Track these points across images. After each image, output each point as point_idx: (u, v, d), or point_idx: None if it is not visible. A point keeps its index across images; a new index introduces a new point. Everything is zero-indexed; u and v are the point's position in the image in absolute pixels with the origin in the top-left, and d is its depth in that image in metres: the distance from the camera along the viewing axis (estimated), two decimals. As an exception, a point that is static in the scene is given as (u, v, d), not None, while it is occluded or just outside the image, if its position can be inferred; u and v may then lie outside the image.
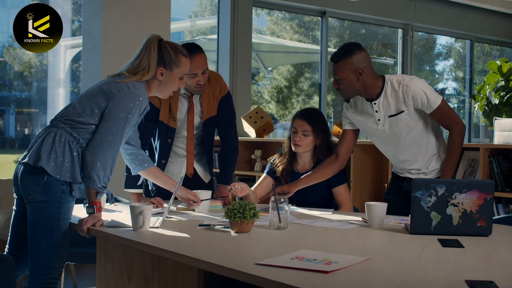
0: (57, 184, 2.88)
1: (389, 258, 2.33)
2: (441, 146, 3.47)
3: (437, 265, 2.18)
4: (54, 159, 2.88)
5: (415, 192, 2.73)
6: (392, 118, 3.39)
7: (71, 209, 2.97)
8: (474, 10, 9.36)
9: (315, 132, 3.69)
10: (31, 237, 2.90)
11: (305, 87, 9.40)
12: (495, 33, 9.95)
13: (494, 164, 4.54)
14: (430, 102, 3.32)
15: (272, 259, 2.17)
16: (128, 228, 2.82)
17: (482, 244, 2.57)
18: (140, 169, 3.31)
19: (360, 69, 3.32)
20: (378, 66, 9.93)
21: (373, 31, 9.76)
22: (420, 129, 3.41)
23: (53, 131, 2.94)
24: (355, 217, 3.29)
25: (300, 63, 9.67)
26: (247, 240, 2.62)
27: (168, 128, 3.73)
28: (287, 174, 3.79)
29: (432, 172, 3.46)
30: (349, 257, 2.23)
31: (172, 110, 3.71)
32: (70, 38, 7.13)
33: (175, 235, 2.70)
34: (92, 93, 3.00)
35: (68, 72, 7.34)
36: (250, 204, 2.73)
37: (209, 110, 3.79)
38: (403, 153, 3.47)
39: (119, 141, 2.94)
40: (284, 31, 9.22)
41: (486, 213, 2.71)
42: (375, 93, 3.40)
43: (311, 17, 8.82)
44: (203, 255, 2.31)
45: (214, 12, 8.54)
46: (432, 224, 2.73)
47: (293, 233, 2.80)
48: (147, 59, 3.03)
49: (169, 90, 3.15)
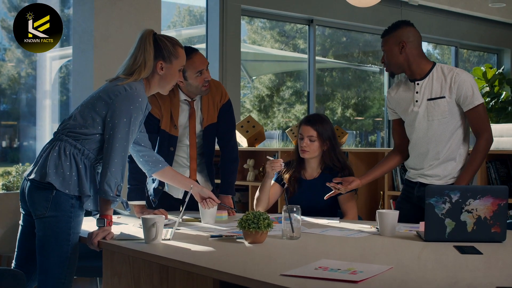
0: (66, 199, 2.83)
1: (412, 266, 2.32)
2: (464, 153, 3.42)
3: (462, 273, 2.17)
4: (61, 173, 2.83)
5: (429, 199, 2.72)
6: (431, 101, 3.37)
7: (81, 222, 2.93)
8: (459, 17, 9.45)
9: (321, 137, 3.69)
10: (40, 252, 2.84)
11: (286, 95, 9.41)
12: (480, 40, 10.05)
13: (492, 170, 4.56)
14: (474, 98, 3.31)
15: (297, 269, 2.15)
16: (140, 241, 2.77)
17: (499, 251, 2.57)
18: (155, 170, 3.25)
19: (403, 42, 3.38)
20: (359, 74, 9.98)
21: (354, 39, 9.80)
22: (453, 124, 3.37)
23: (57, 144, 2.89)
24: (363, 225, 3.27)
25: (284, 71, 9.68)
26: (263, 250, 2.59)
27: (170, 137, 3.69)
28: (295, 181, 3.77)
29: (446, 177, 3.41)
30: (372, 266, 2.21)
31: (173, 117, 3.68)
32: (58, 48, 7.05)
33: (188, 247, 2.66)
34: (91, 102, 2.95)
35: (55, 83, 7.26)
36: (263, 214, 2.70)
37: (209, 116, 3.76)
38: (427, 143, 3.42)
39: (126, 147, 2.89)
40: (265, 40, 9.22)
41: (500, 219, 2.70)
42: (420, 74, 3.41)
43: (291, 26, 8.84)
44: (223, 266, 2.28)
45: (193, 22, 8.53)
46: (446, 231, 2.72)
47: (308, 243, 2.78)
48: (143, 54, 2.96)
49: (170, 84, 3.09)
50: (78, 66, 5.82)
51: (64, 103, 6.98)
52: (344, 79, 10.02)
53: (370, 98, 9.94)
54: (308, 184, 3.74)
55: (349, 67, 9.84)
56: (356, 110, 9.82)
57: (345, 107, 9.68)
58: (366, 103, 9.96)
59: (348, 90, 9.84)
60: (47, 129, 6.85)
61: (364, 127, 10.08)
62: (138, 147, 3.20)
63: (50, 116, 6.95)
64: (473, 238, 2.70)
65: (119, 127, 2.85)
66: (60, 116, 6.88)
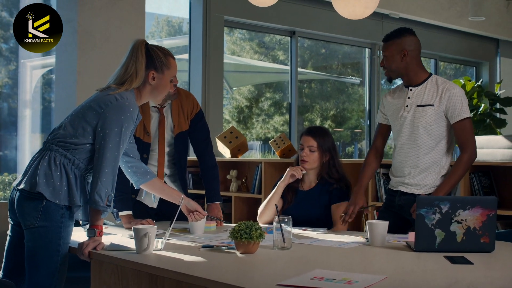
0: (56, 209, 2.81)
1: (406, 276, 2.33)
2: (446, 165, 3.48)
3: (457, 282, 2.19)
4: (51, 183, 2.81)
5: (420, 209, 2.75)
6: (419, 108, 3.45)
7: (71, 233, 2.91)
8: (440, 30, 9.55)
9: (321, 149, 3.72)
10: (30, 262, 2.82)
11: (265, 107, 9.42)
12: (459, 53, 10.17)
13: (475, 181, 4.61)
14: (462, 111, 3.37)
15: (293, 279, 2.16)
16: (131, 251, 2.76)
17: (489, 261, 2.60)
18: (143, 181, 3.24)
19: (405, 50, 3.46)
20: (338, 85, 10.03)
21: (334, 50, 9.86)
22: (437, 133, 3.43)
23: (47, 154, 2.87)
24: (351, 236, 3.29)
25: (263, 83, 9.70)
26: (256, 261, 2.60)
27: (143, 144, 3.70)
28: (292, 192, 3.79)
29: (425, 187, 3.47)
30: (367, 275, 2.23)
31: (145, 124, 3.69)
32: (40, 57, 7.02)
33: (181, 257, 2.65)
34: (81, 111, 2.93)
35: (36, 92, 7.21)
36: (255, 225, 2.71)
37: (180, 123, 3.78)
38: (409, 149, 3.49)
39: (116, 157, 2.87)
40: (244, 51, 9.24)
41: (489, 229, 2.74)
42: (416, 81, 3.51)
43: (271, 37, 8.87)
44: (218, 276, 2.27)
45: (171, 33, 8.52)
46: (436, 241, 2.75)
47: (299, 253, 2.79)
48: (134, 64, 2.95)
49: (162, 94, 3.07)
50: (61, 73, 5.78)
51: (46, 113, 6.93)
52: (323, 91, 10.07)
53: (349, 109, 9.99)
54: (304, 194, 3.77)
55: (328, 78, 9.89)
56: (335, 121, 9.86)
57: (324, 119, 9.71)
58: (344, 114, 10.01)
59: (327, 102, 9.88)
60: (27, 138, 6.80)
61: (342, 138, 10.13)
62: (127, 157, 3.18)
63: (30, 125, 6.90)
64: (463, 248, 2.73)
65: (110, 137, 2.84)
66: (42, 125, 6.83)
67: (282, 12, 7.67)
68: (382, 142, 3.75)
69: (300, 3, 7.90)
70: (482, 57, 10.52)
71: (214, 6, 7.18)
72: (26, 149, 6.71)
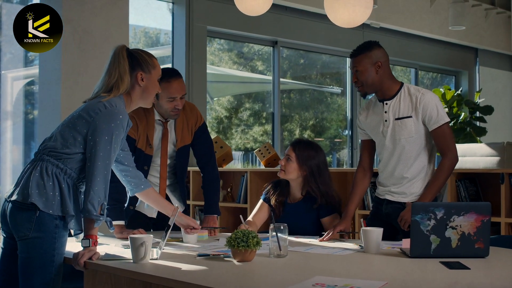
0: (50, 219, 2.78)
1: (405, 281, 2.34)
2: (430, 172, 3.51)
3: (457, 283, 2.21)
4: (44, 194, 2.77)
5: (415, 216, 2.76)
6: (398, 121, 3.44)
7: (65, 243, 2.88)
8: (420, 39, 9.65)
9: (299, 160, 3.69)
10: (23, 274, 2.78)
11: (245, 117, 9.43)
12: (439, 62, 10.27)
13: (462, 189, 4.66)
14: (438, 118, 3.38)
15: (295, 286, 2.16)
16: (128, 261, 2.74)
17: (484, 265, 2.63)
18: (137, 191, 3.22)
19: (379, 62, 3.43)
20: (317, 95, 10.08)
21: (312, 60, 9.90)
22: (419, 144, 3.45)
23: (38, 164, 2.84)
24: (345, 243, 3.31)
25: (243, 93, 9.71)
26: (254, 268, 2.59)
27: (145, 156, 3.69)
28: (280, 204, 3.79)
29: (412, 195, 3.48)
30: (367, 282, 2.24)
31: (148, 137, 3.68)
32: (22, 68, 6.97)
33: (178, 266, 2.64)
34: (71, 121, 2.91)
35: (17, 103, 7.16)
36: (252, 233, 2.71)
37: (183, 138, 3.77)
38: (395, 162, 3.50)
39: (108, 165, 2.84)
40: (223, 61, 9.25)
41: (483, 234, 2.76)
42: (389, 94, 3.48)
43: (249, 48, 8.90)
44: (219, 284, 2.27)
45: (148, 44, 8.50)
46: (431, 247, 2.76)
47: (296, 261, 2.79)
48: (117, 68, 2.93)
49: (152, 95, 3.05)
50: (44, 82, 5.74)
51: (27, 124, 6.88)
52: (302, 101, 10.10)
53: (328, 119, 10.03)
54: (291, 207, 3.76)
55: (307, 88, 9.93)
56: (314, 131, 9.89)
57: (303, 129, 9.74)
58: (324, 124, 10.05)
59: (306, 112, 9.91)
60: (8, 150, 6.74)
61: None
62: (121, 166, 3.16)
63: (11, 137, 6.85)
64: (458, 254, 2.75)
65: (100, 145, 2.81)
66: (25, 136, 6.77)
67: (265, 22, 7.71)
68: (369, 158, 3.71)
69: (283, 13, 7.94)
70: (462, 66, 10.64)
71: (197, 16, 7.19)
72: (7, 161, 6.66)
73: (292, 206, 3.75)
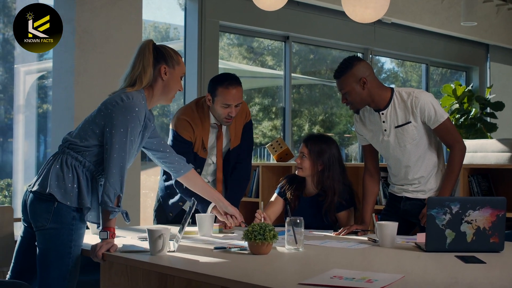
0: (67, 211, 2.82)
1: (422, 275, 2.37)
2: (441, 165, 3.53)
3: (475, 280, 2.23)
4: (63, 185, 2.82)
5: (431, 210, 2.78)
6: (399, 128, 3.44)
7: (83, 235, 2.91)
8: (432, 35, 9.63)
9: (312, 156, 3.70)
10: (41, 265, 2.82)
11: (254, 112, 9.44)
12: (450, 58, 10.25)
13: (474, 184, 4.66)
14: (438, 116, 3.38)
15: (313, 278, 2.18)
16: (146, 253, 2.77)
17: (500, 260, 2.64)
18: (177, 176, 3.31)
19: (363, 78, 3.37)
20: (327, 90, 10.08)
21: (322, 56, 9.90)
22: (424, 143, 3.45)
23: (59, 157, 2.89)
24: (360, 237, 3.33)
25: (252, 88, 9.72)
26: (271, 261, 2.61)
27: (199, 159, 3.73)
28: (295, 198, 3.81)
29: (430, 191, 3.51)
30: (385, 274, 2.25)
31: (203, 140, 3.72)
32: (34, 62, 7.01)
33: (196, 258, 2.67)
34: (92, 115, 2.96)
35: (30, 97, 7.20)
36: (269, 226, 2.73)
37: (236, 139, 3.83)
38: (406, 167, 3.50)
39: (123, 157, 2.86)
40: (232, 56, 9.26)
41: (498, 229, 2.78)
42: (383, 104, 3.45)
43: (259, 43, 8.90)
44: (238, 276, 2.28)
45: (158, 39, 8.51)
46: (447, 242, 2.78)
47: (312, 254, 2.81)
48: (141, 62, 2.95)
49: (173, 92, 3.06)
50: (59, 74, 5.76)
51: (40, 118, 6.92)
52: (312, 96, 10.10)
53: (337, 114, 10.04)
54: (306, 201, 3.79)
55: (317, 83, 9.93)
56: (323, 126, 9.89)
57: (312, 124, 9.75)
58: (333, 119, 10.05)
59: (315, 107, 9.92)
60: (21, 143, 6.78)
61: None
62: (158, 153, 3.21)
63: (23, 130, 6.89)
64: (473, 248, 2.77)
65: (116, 137, 2.84)
66: (38, 130, 6.81)
67: (277, 17, 7.71)
68: (374, 162, 3.69)
69: (294, 9, 7.94)
70: (473, 61, 10.61)
71: (209, 11, 7.20)
72: (19, 154, 6.70)
73: (307, 200, 3.77)
